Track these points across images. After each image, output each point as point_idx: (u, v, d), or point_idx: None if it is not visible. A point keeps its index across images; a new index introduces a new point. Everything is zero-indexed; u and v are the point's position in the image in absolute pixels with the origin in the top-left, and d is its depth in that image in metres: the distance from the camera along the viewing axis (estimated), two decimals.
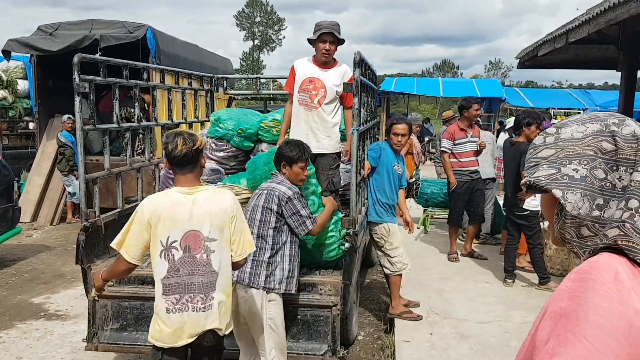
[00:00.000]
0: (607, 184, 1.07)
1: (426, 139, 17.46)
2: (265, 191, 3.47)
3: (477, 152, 6.63)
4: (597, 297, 0.98)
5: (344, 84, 4.22)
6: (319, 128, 4.36)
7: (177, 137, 2.72)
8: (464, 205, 6.67)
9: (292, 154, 3.54)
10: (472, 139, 6.60)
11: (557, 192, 1.11)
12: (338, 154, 4.50)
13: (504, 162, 6.06)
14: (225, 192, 2.86)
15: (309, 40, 4.35)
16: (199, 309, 2.67)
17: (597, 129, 1.11)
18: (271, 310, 3.35)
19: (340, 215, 4.15)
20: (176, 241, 2.67)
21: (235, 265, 2.84)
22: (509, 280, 5.77)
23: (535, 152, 1.17)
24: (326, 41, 4.22)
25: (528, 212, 5.58)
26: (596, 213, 1.08)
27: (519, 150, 5.45)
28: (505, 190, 6.14)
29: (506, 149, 5.87)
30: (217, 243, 2.71)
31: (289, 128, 4.51)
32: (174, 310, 2.66)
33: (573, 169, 1.10)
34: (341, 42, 4.32)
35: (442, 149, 6.65)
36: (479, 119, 6.89)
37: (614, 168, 1.07)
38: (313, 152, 4.24)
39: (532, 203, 5.56)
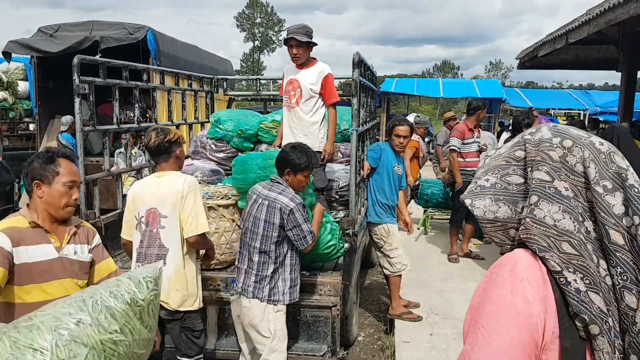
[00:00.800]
0: (527, 188, 1.15)
1: (426, 139, 17.44)
2: (266, 202, 3.29)
3: (479, 153, 6.61)
4: (494, 290, 1.09)
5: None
6: (297, 127, 4.47)
7: (151, 132, 3.22)
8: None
9: (300, 162, 3.38)
10: (477, 139, 6.58)
11: (467, 201, 1.21)
12: (319, 153, 4.52)
13: None
14: (183, 177, 3.20)
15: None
16: None
17: (516, 141, 1.20)
18: (278, 322, 3.30)
19: (332, 219, 4.03)
20: (143, 216, 3.16)
21: (189, 244, 3.12)
22: None
23: (475, 174, 1.27)
24: (292, 45, 4.34)
25: None
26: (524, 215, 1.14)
27: None
28: None
29: None
30: (168, 220, 3.10)
31: None
32: None
33: (485, 180, 1.21)
34: (310, 43, 4.38)
35: (451, 147, 6.52)
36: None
37: (528, 171, 1.15)
38: None
39: None
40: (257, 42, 61.59)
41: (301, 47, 4.33)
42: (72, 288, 2.30)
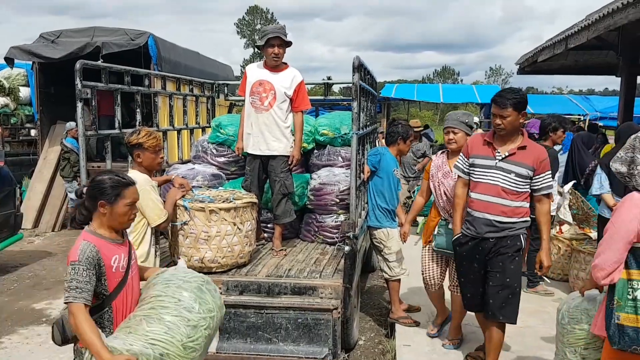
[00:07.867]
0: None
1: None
2: None
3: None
4: (617, 207, 2.58)
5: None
6: (270, 130, 4.46)
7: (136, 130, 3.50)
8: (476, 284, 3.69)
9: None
10: (505, 162, 3.53)
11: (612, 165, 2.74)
12: (289, 158, 4.56)
13: None
14: (137, 177, 3.27)
15: (258, 47, 4.53)
16: None
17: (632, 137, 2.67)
18: None
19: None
20: None
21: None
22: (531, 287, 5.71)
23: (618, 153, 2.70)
24: (274, 45, 4.37)
25: None
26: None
27: None
28: None
29: None
30: None
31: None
32: None
33: (618, 155, 2.70)
34: (289, 44, 4.46)
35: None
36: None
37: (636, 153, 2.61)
38: (262, 154, 4.46)
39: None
40: (257, 49, 61.79)
41: (281, 48, 4.40)
42: None
